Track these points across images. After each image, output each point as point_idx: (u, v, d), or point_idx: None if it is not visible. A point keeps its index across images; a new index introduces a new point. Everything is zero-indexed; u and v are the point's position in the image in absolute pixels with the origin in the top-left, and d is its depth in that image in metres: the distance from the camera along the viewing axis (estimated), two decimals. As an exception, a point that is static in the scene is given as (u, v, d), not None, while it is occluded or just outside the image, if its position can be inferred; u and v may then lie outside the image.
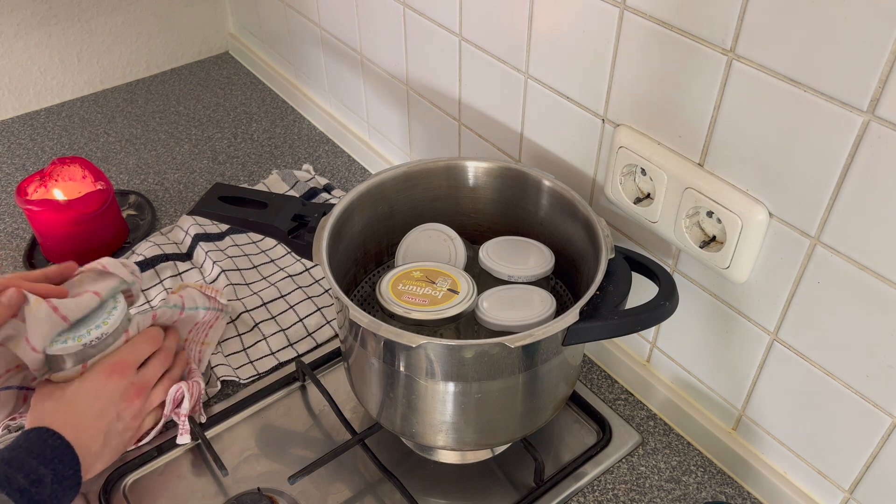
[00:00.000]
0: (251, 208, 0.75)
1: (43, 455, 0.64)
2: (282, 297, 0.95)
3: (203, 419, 0.79)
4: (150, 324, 0.78)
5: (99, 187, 0.98)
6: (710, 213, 0.64)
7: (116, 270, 0.76)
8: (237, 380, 0.84)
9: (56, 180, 0.98)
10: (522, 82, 0.79)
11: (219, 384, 0.83)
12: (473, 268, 0.75)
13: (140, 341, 0.76)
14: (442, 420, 0.66)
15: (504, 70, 0.81)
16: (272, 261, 1.01)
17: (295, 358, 0.86)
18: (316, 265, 0.98)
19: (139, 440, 0.77)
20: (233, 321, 0.91)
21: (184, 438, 0.76)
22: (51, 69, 1.30)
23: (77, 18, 1.29)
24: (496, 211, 0.80)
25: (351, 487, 0.75)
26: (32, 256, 1.00)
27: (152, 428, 0.77)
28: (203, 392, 0.80)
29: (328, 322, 0.92)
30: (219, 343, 0.88)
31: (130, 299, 0.78)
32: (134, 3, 1.34)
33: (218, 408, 0.82)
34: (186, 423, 0.76)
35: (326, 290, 0.96)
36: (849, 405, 0.62)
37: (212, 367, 0.84)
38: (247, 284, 0.96)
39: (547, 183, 0.75)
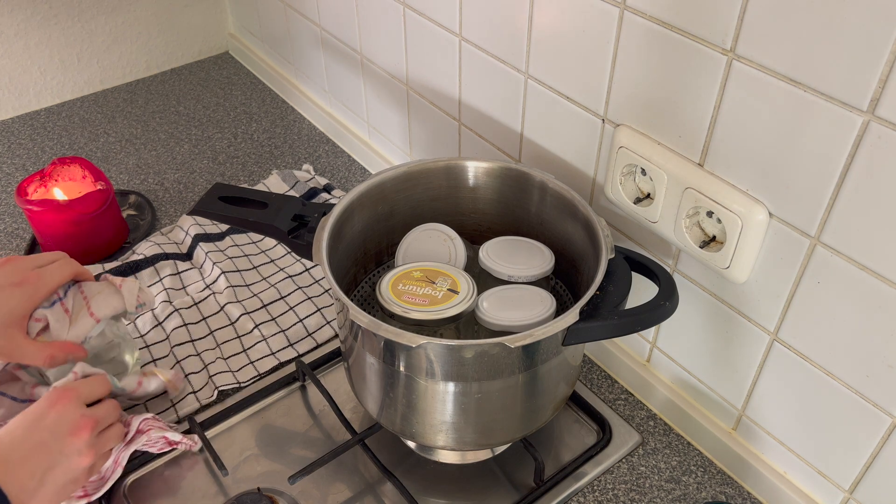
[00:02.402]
0: (251, 208, 0.74)
1: None
2: (282, 298, 0.95)
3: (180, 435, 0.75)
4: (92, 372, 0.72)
5: (99, 187, 0.98)
6: (710, 213, 0.64)
7: (126, 296, 0.75)
8: (238, 385, 0.84)
9: (56, 180, 0.98)
10: (522, 82, 0.79)
11: (215, 394, 0.83)
12: (473, 268, 0.75)
13: (94, 381, 0.69)
14: (442, 420, 0.66)
15: (504, 70, 0.81)
16: (272, 261, 1.01)
17: (295, 358, 0.86)
18: (316, 265, 0.98)
19: (88, 494, 0.69)
20: (232, 323, 0.91)
21: (192, 443, 0.75)
22: (51, 69, 1.30)
23: (77, 18, 1.29)
24: (496, 211, 0.80)
25: (351, 487, 0.75)
26: (32, 256, 1.00)
27: (103, 483, 0.69)
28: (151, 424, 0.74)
29: (328, 322, 0.92)
30: (219, 345, 0.88)
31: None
32: (134, 3, 1.34)
33: (218, 408, 0.82)
34: (178, 436, 0.74)
35: (326, 291, 0.96)
36: (849, 405, 0.62)
37: (211, 376, 0.84)
38: (247, 286, 0.96)
39: (547, 183, 0.75)
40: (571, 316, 0.60)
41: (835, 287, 0.59)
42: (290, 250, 1.00)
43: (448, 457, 0.77)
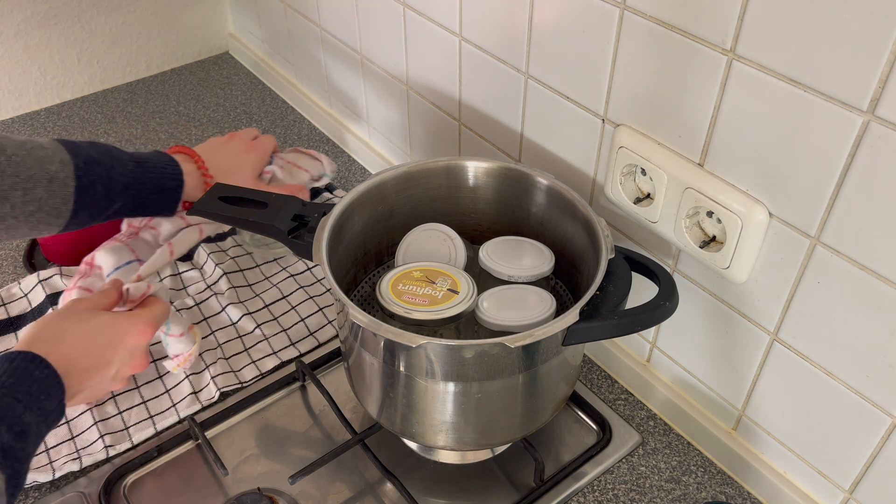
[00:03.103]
0: (251, 208, 0.74)
1: (29, 392, 0.59)
2: (284, 297, 0.95)
3: None
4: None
5: (99, 187, 0.98)
6: (710, 213, 0.64)
7: (325, 163, 0.97)
8: (239, 385, 0.84)
9: (56, 180, 0.98)
10: (522, 82, 0.79)
11: (217, 395, 0.83)
12: (473, 268, 0.75)
13: (163, 310, 0.74)
14: (442, 420, 0.66)
15: (504, 70, 0.81)
16: (275, 259, 1.00)
17: (297, 357, 0.86)
18: (316, 265, 0.98)
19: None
20: (233, 324, 0.91)
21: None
22: (51, 69, 1.30)
23: (77, 18, 1.29)
24: (496, 211, 0.80)
25: (351, 487, 0.75)
26: (32, 256, 1.00)
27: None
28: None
29: (330, 322, 0.92)
30: (220, 345, 0.88)
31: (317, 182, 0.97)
32: (134, 3, 1.34)
33: (218, 408, 0.82)
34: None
35: (328, 290, 0.96)
36: (849, 405, 0.62)
37: (213, 377, 0.84)
38: (249, 286, 0.96)
39: (547, 183, 0.75)
40: (571, 316, 0.60)
41: (835, 287, 0.59)
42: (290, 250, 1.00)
43: (448, 457, 0.77)
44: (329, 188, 1.12)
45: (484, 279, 0.73)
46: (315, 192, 1.11)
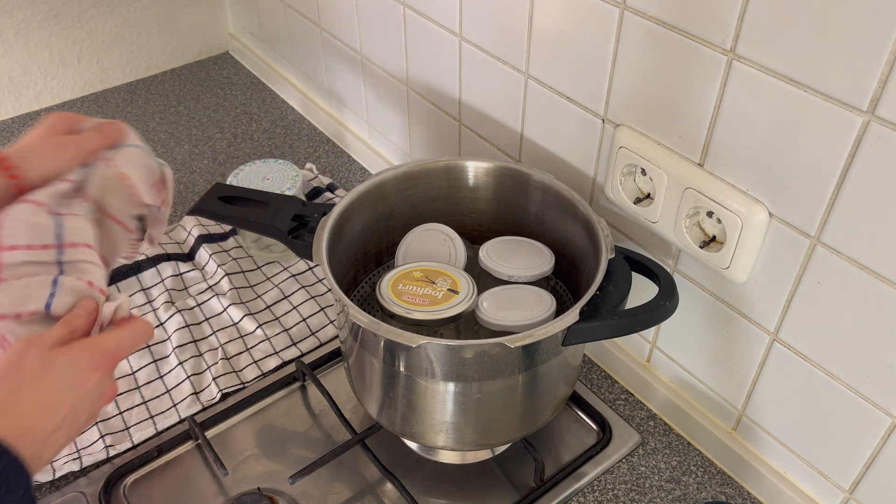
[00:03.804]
0: (251, 208, 0.74)
1: None
2: (285, 297, 0.94)
3: None
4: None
5: (99, 187, 0.97)
6: (710, 214, 0.64)
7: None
8: (241, 385, 0.84)
9: (56, 180, 0.98)
10: (522, 82, 0.79)
11: (218, 396, 0.83)
12: (473, 268, 0.75)
13: (142, 331, 0.56)
14: (442, 420, 0.66)
15: (504, 70, 0.81)
16: (276, 259, 1.00)
17: (298, 357, 0.86)
18: (317, 265, 0.98)
19: None
20: (235, 324, 0.91)
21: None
22: (51, 69, 1.30)
23: (77, 18, 1.29)
24: (496, 211, 0.80)
25: (351, 487, 0.75)
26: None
27: None
28: None
29: (331, 321, 0.92)
30: (221, 346, 0.88)
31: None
32: (134, 3, 1.34)
33: (218, 408, 0.82)
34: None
35: (329, 290, 0.96)
36: (849, 405, 0.62)
37: (214, 378, 0.84)
38: (251, 286, 0.96)
39: (547, 183, 0.75)
40: (571, 316, 0.60)
41: (835, 287, 0.59)
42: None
43: (448, 457, 0.77)
44: (331, 188, 1.12)
45: (484, 279, 0.73)
46: (315, 192, 1.11)
